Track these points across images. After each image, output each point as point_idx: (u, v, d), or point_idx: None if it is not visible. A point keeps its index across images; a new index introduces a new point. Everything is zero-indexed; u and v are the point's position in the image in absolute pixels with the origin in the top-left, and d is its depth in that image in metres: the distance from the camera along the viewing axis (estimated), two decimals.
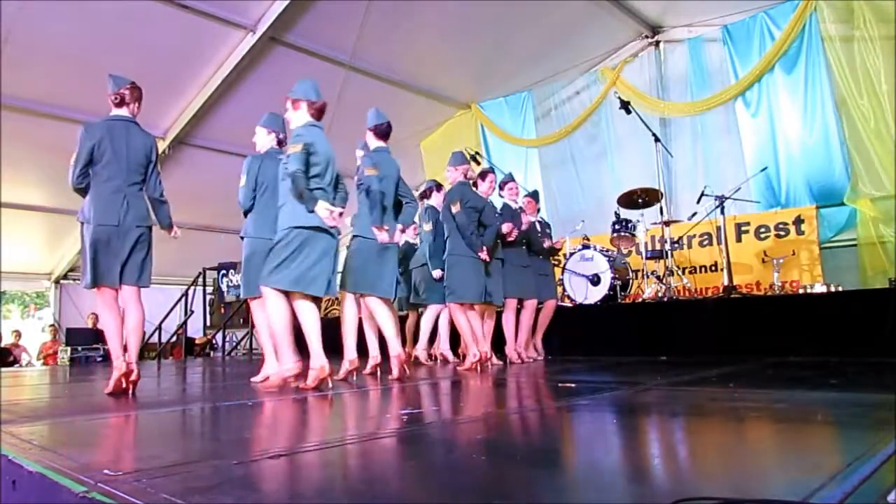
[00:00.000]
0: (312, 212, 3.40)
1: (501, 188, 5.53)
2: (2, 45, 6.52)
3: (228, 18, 7.22)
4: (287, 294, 3.44)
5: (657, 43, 8.93)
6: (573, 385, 3.61)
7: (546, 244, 5.77)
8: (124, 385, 3.36)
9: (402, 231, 4.30)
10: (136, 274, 3.53)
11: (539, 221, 5.96)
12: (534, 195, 6.07)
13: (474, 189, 5.07)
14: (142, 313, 3.62)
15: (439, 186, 5.78)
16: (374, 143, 4.28)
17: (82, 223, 3.47)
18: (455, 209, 4.75)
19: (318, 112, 3.66)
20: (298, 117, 3.63)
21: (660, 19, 8.75)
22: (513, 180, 5.64)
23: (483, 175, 5.35)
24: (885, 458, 1.42)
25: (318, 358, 3.43)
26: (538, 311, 5.63)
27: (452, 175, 4.96)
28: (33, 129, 7.72)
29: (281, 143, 4.26)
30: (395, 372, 3.97)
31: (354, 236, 4.14)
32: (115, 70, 3.81)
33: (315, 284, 3.45)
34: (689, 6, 8.25)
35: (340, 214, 3.54)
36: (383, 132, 4.27)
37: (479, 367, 4.60)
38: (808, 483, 1.25)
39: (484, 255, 4.76)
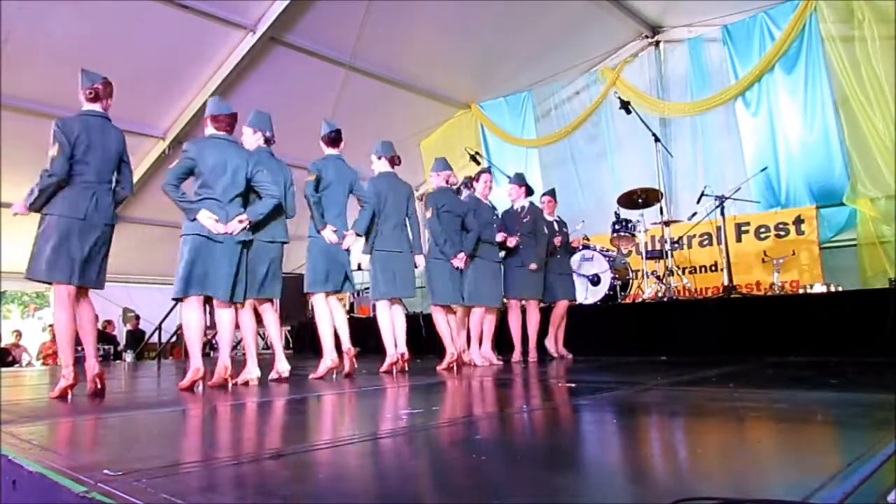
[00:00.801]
0: (195, 220, 3.59)
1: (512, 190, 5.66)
2: (2, 45, 6.52)
3: (228, 18, 7.22)
4: (206, 300, 3.69)
5: (657, 43, 8.93)
6: (573, 385, 3.61)
7: (557, 242, 5.70)
8: (99, 385, 3.34)
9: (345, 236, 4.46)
10: (95, 275, 3.50)
11: (556, 220, 5.96)
12: (550, 193, 6.12)
13: (458, 194, 5.23)
14: (93, 310, 3.65)
15: (469, 183, 5.70)
16: (325, 150, 4.57)
17: (45, 214, 3.41)
18: (428, 215, 4.94)
19: (223, 125, 3.85)
20: (207, 133, 3.89)
21: (660, 19, 8.75)
22: (516, 182, 5.63)
23: (477, 176, 5.39)
24: (885, 458, 1.42)
25: (195, 360, 3.56)
26: (549, 310, 5.66)
27: (434, 181, 5.14)
28: (33, 129, 7.70)
29: (268, 141, 4.31)
30: (346, 367, 4.27)
31: (308, 237, 4.43)
32: (115, 70, 3.82)
33: (208, 287, 3.62)
34: (689, 6, 8.24)
35: (244, 222, 3.69)
36: (332, 140, 4.56)
37: (454, 367, 4.78)
38: (808, 483, 1.25)
39: (457, 262, 4.91)
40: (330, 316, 4.37)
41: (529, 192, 5.71)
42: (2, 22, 6.29)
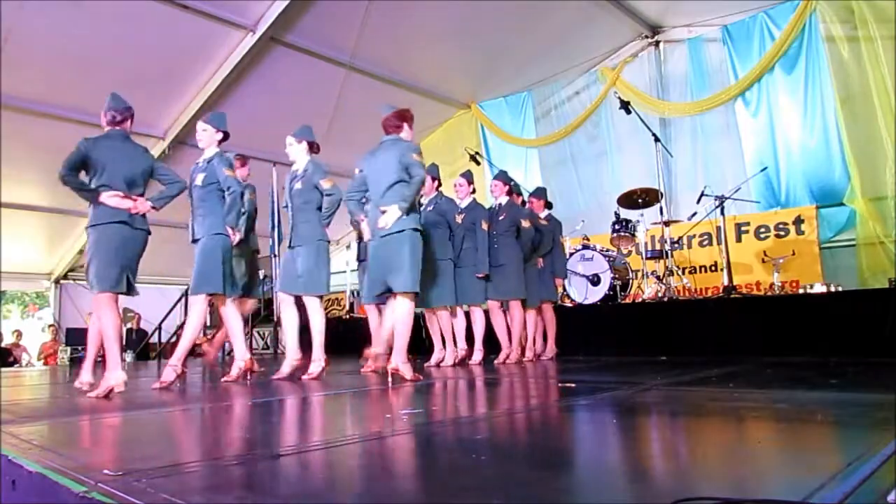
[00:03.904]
0: (101, 205, 3.51)
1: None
2: (2, 45, 6.52)
3: (228, 18, 7.21)
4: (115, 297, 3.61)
5: (657, 43, 8.92)
6: (573, 385, 3.61)
7: (545, 245, 5.67)
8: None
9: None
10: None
11: (544, 219, 5.88)
12: (536, 192, 6.10)
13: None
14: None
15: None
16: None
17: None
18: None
19: (112, 122, 3.79)
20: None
21: (660, 19, 8.74)
22: (500, 179, 5.63)
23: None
24: (885, 458, 1.42)
25: (114, 365, 3.46)
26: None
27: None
28: (33, 129, 7.71)
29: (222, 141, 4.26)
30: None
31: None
32: (116, 70, 3.84)
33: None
34: (689, 6, 8.24)
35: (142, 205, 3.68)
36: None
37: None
38: (808, 483, 1.25)
39: None
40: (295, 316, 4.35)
41: (511, 191, 5.70)
42: (2, 22, 6.29)
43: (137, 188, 3.70)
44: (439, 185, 5.41)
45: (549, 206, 6.14)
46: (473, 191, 5.52)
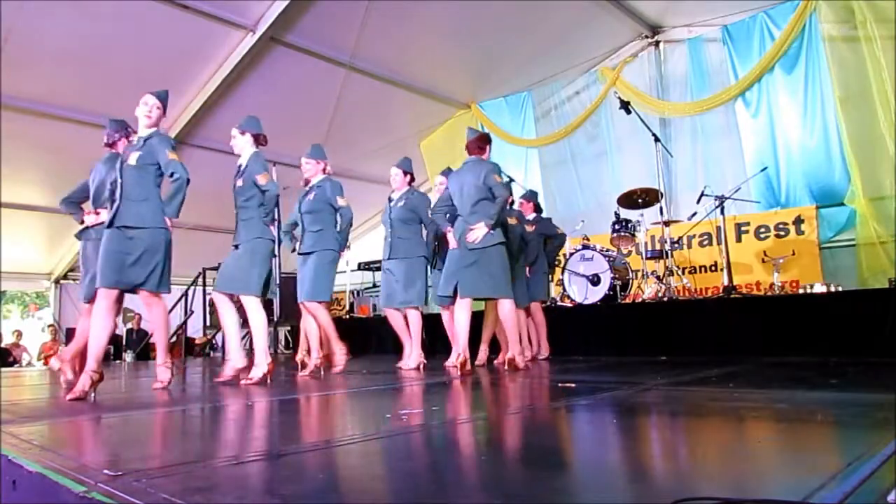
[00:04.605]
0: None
1: None
2: (2, 45, 6.52)
3: (228, 18, 7.21)
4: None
5: (657, 43, 8.92)
6: (573, 385, 3.61)
7: (530, 253, 5.64)
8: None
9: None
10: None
11: (531, 222, 5.86)
12: (527, 195, 6.08)
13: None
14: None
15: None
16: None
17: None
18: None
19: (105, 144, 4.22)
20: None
21: (660, 19, 8.75)
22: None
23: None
24: (885, 458, 1.42)
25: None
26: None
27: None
28: (33, 129, 7.71)
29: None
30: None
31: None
32: (116, 70, 3.85)
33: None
34: (689, 6, 8.24)
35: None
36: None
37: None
38: (808, 483, 1.25)
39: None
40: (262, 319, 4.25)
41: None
42: (2, 22, 6.29)
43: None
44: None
45: (538, 209, 6.12)
46: None
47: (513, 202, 5.96)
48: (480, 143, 4.70)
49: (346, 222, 4.79)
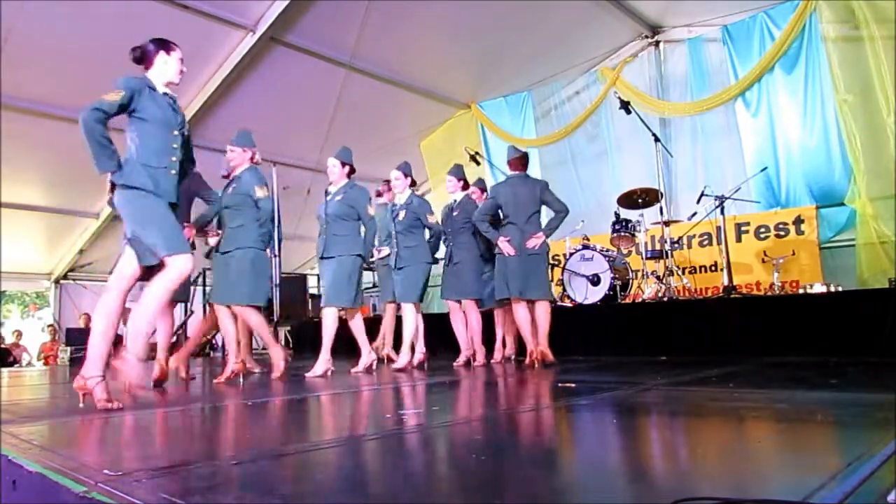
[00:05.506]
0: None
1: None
2: (2, 45, 6.52)
3: (228, 18, 7.21)
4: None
5: (657, 43, 8.93)
6: (573, 385, 3.61)
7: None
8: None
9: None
10: None
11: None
12: (476, 184, 6.08)
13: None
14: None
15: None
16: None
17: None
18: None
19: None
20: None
21: (660, 19, 8.75)
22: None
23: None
24: (885, 458, 1.42)
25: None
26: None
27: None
28: (33, 129, 7.71)
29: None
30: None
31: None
32: (116, 70, 3.83)
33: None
34: (689, 6, 8.24)
35: None
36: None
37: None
38: (808, 483, 1.25)
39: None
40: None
41: (466, 185, 5.75)
42: (2, 22, 6.29)
43: None
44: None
45: (466, 186, 6.04)
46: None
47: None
48: (524, 161, 5.31)
49: (265, 215, 4.29)
